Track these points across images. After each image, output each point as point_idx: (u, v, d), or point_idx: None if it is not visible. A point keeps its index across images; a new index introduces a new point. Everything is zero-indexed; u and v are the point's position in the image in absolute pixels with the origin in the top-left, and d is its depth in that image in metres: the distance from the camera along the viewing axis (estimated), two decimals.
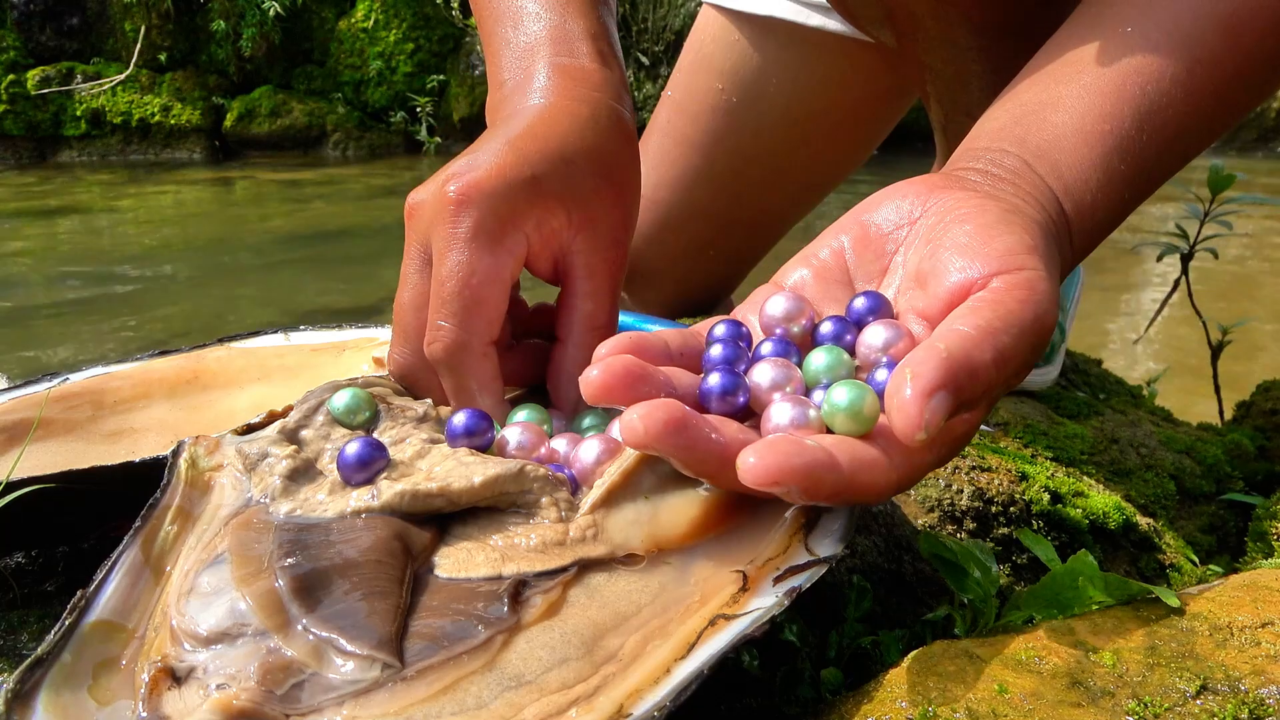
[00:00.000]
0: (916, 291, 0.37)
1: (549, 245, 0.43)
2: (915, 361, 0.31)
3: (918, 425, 0.29)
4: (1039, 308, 0.34)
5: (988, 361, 0.31)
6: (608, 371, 0.33)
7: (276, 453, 0.37)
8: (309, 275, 2.02)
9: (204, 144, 3.62)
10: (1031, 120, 0.42)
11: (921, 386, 0.30)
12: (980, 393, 0.32)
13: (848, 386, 0.32)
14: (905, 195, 0.39)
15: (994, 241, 0.35)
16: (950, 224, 0.37)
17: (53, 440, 0.45)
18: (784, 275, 0.41)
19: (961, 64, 0.65)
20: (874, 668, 0.39)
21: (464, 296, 0.40)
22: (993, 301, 0.33)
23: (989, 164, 0.41)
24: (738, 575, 0.32)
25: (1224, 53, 0.43)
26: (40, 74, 3.52)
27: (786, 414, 0.33)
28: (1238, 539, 0.68)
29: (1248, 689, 0.30)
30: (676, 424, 0.31)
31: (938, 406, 0.30)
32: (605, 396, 0.33)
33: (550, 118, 0.44)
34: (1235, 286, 1.95)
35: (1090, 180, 0.41)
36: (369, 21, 3.71)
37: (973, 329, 0.32)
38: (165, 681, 0.29)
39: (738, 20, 0.86)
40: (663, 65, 3.56)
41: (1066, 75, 0.43)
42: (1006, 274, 0.34)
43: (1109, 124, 0.41)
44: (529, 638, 0.31)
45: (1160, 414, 0.84)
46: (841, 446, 0.31)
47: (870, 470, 0.31)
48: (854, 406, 0.32)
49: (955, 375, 0.30)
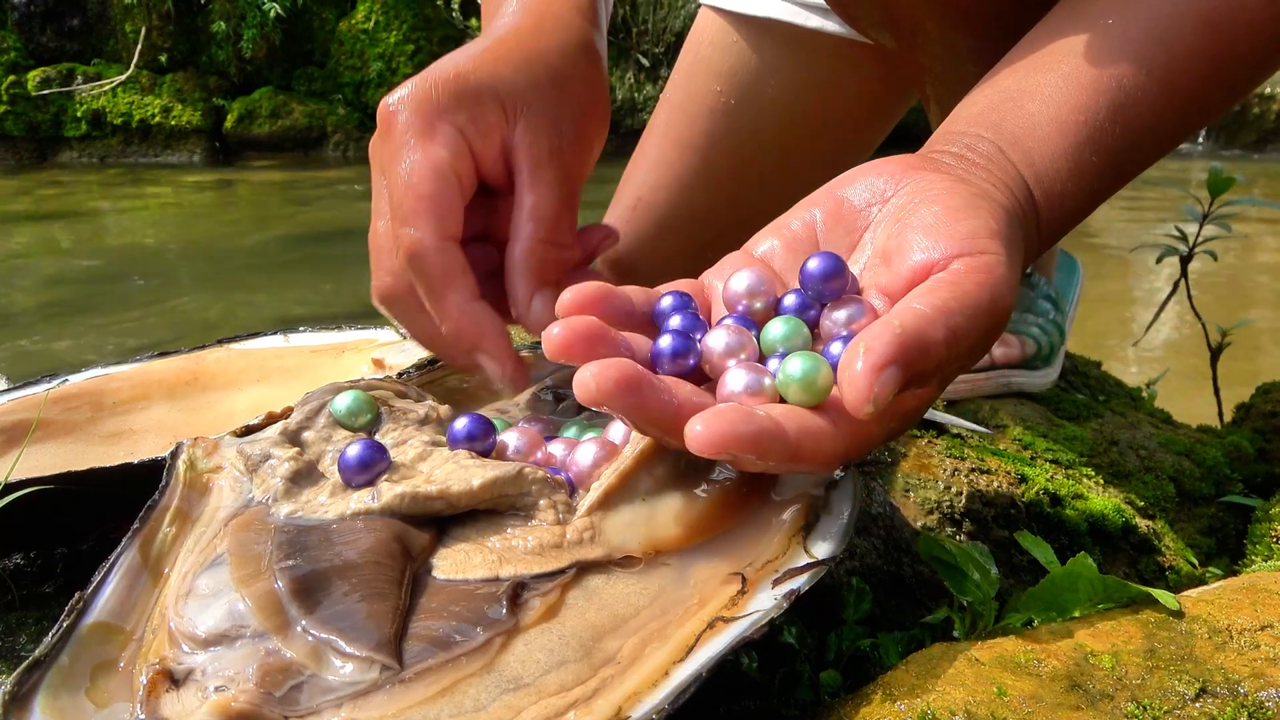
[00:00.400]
0: (881, 268, 0.38)
1: (491, 142, 0.43)
2: (869, 336, 0.31)
3: (865, 398, 0.30)
4: (995, 290, 0.34)
5: (939, 340, 0.32)
6: (568, 330, 0.33)
7: (279, 454, 0.37)
8: (308, 276, 2.02)
9: (204, 145, 3.62)
10: (1008, 107, 0.43)
11: (873, 361, 0.30)
12: (931, 370, 0.32)
13: (802, 358, 0.33)
14: (880, 173, 0.40)
15: (959, 224, 0.36)
16: (919, 204, 0.37)
17: (52, 441, 0.45)
18: (755, 244, 0.41)
19: (961, 67, 0.65)
20: (873, 670, 0.39)
21: (409, 197, 0.41)
22: (950, 282, 0.34)
23: (963, 148, 0.42)
24: (736, 578, 0.32)
25: (1201, 50, 0.43)
26: (41, 75, 3.52)
27: (741, 380, 0.33)
28: (1237, 541, 0.68)
29: (1247, 692, 0.30)
30: (629, 382, 0.31)
31: (887, 380, 0.30)
32: (564, 353, 0.33)
33: (495, 38, 0.45)
34: (1234, 289, 1.95)
35: (1061, 169, 0.41)
36: (369, 23, 3.71)
37: (928, 308, 0.33)
38: (163, 683, 0.29)
39: (736, 22, 0.86)
40: (663, 67, 3.56)
41: (1045, 65, 0.44)
42: (967, 256, 0.35)
43: (1083, 115, 0.42)
44: (527, 640, 0.31)
45: (1160, 416, 0.83)
46: (790, 416, 0.32)
47: (816, 439, 0.31)
48: (807, 377, 0.33)
49: (907, 351, 0.31)
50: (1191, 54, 0.43)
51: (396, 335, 0.53)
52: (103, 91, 3.53)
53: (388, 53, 3.71)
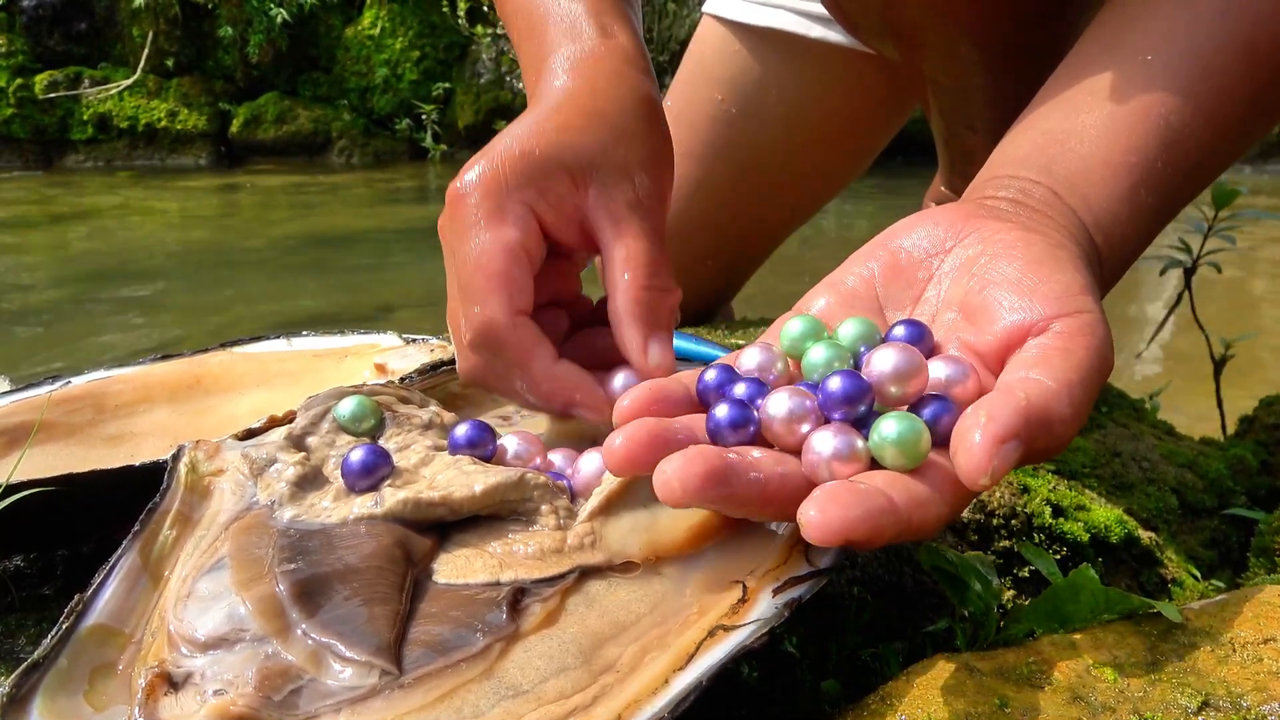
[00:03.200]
0: (963, 324, 0.36)
1: (563, 212, 0.43)
2: (991, 405, 0.30)
3: (984, 469, 0.29)
4: (1103, 355, 0.33)
5: (1066, 416, 0.31)
6: (629, 441, 0.32)
7: (285, 459, 0.37)
8: (312, 281, 2.03)
9: (210, 149, 3.63)
10: (1056, 150, 0.42)
11: (995, 432, 0.29)
12: (1053, 446, 0.31)
13: (898, 419, 0.31)
14: (938, 223, 0.39)
15: (1049, 280, 0.35)
16: (996, 257, 0.36)
17: (53, 443, 0.46)
18: (808, 302, 0.40)
19: (963, 77, 0.65)
20: (874, 680, 0.39)
21: (478, 277, 0.40)
22: (1063, 350, 0.33)
23: (1018, 193, 0.40)
24: (737, 586, 0.32)
25: (1243, 79, 0.43)
26: (48, 78, 3.53)
27: (829, 445, 0.31)
28: (1240, 554, 0.68)
29: (1249, 705, 0.30)
30: (714, 475, 0.29)
31: (1008, 454, 0.29)
32: (631, 466, 0.32)
33: (551, 105, 0.45)
34: (1238, 301, 1.95)
35: (1119, 213, 0.41)
36: (375, 29, 3.72)
37: (1052, 380, 0.31)
38: (162, 687, 0.29)
39: (738, 31, 0.86)
40: (667, 75, 3.57)
41: (1088, 104, 0.43)
42: (1066, 317, 0.34)
43: (1135, 156, 0.41)
44: (527, 646, 0.31)
45: (1162, 428, 0.83)
46: (895, 486, 0.30)
47: (924, 509, 0.30)
48: (904, 440, 0.31)
49: (1030, 426, 0.30)
50: (1235, 84, 0.43)
51: (399, 340, 0.53)
52: (109, 95, 3.55)
53: (393, 59, 3.72)
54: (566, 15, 0.48)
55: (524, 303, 0.41)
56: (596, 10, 0.48)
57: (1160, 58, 0.43)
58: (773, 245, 0.96)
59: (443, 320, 0.45)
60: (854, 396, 0.33)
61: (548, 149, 0.42)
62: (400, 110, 3.74)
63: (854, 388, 0.33)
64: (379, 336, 0.53)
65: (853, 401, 0.33)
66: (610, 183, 0.43)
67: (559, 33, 0.48)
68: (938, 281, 0.38)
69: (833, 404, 0.33)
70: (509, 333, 0.40)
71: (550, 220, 0.43)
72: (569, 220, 0.43)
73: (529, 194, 0.42)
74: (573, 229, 0.43)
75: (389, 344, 0.53)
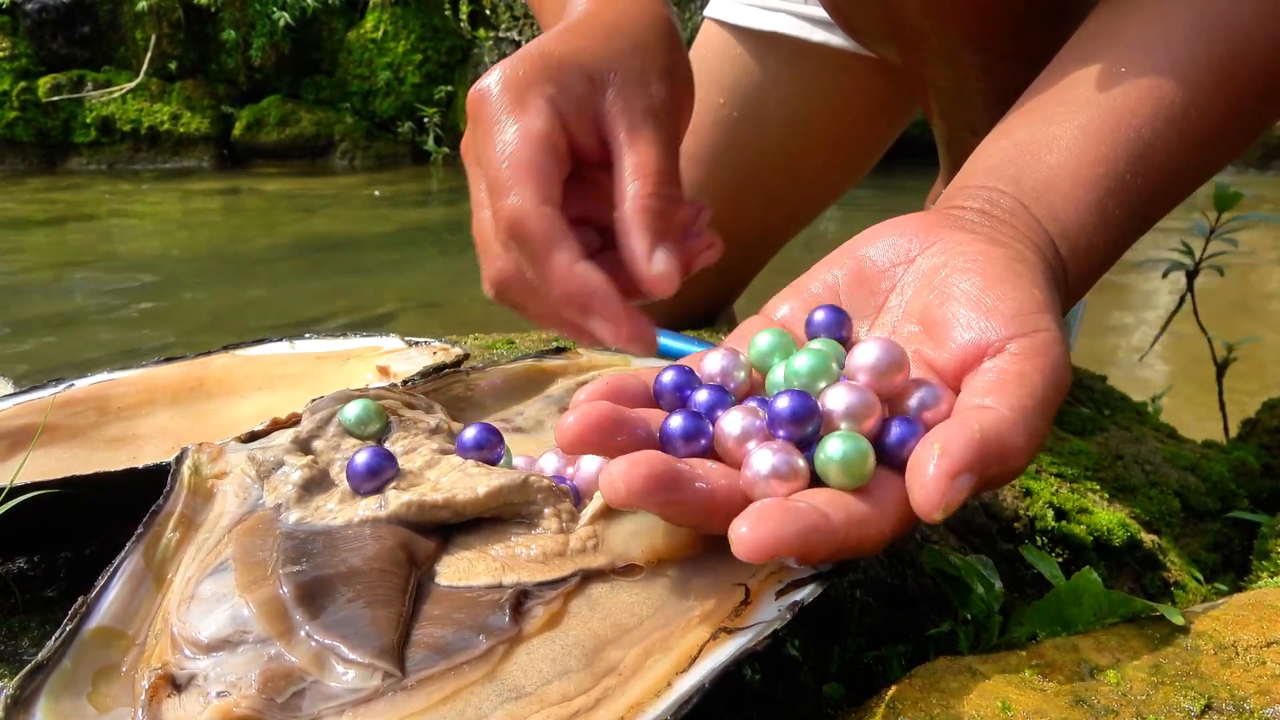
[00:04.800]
0: (922, 338, 0.36)
1: (581, 113, 0.42)
2: (944, 437, 0.30)
3: (936, 504, 0.29)
4: (1058, 376, 0.33)
5: (1020, 447, 0.31)
6: (582, 421, 0.32)
7: (293, 462, 0.38)
8: (314, 283, 2.03)
9: (212, 152, 3.64)
10: (1026, 160, 0.42)
11: (947, 466, 0.29)
12: (1006, 474, 0.31)
13: (843, 439, 0.31)
14: (903, 232, 0.39)
15: (1006, 298, 0.35)
16: (956, 270, 0.36)
17: (56, 446, 0.46)
18: (773, 307, 0.40)
19: (965, 81, 0.65)
20: (876, 683, 0.39)
21: (505, 169, 0.40)
22: (1018, 374, 0.33)
23: (985, 203, 0.41)
24: (740, 588, 0.32)
25: (1218, 94, 0.43)
26: (51, 81, 3.54)
27: (767, 462, 0.31)
28: (1243, 557, 0.67)
29: (1253, 709, 0.30)
30: (659, 480, 0.30)
31: (961, 486, 0.29)
32: (580, 445, 0.32)
33: (571, 21, 0.45)
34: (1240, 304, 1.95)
35: (1086, 224, 0.41)
36: (378, 32, 3.73)
37: (1007, 409, 0.31)
38: (165, 688, 0.29)
39: (739, 35, 0.86)
40: None
41: (1060, 115, 0.43)
42: (1022, 338, 0.34)
43: (1104, 167, 0.41)
44: (530, 649, 0.31)
45: (1165, 431, 0.83)
46: (834, 504, 0.30)
47: (863, 527, 0.30)
48: (848, 460, 0.31)
49: (985, 457, 0.30)
50: (1209, 99, 0.42)
51: (401, 343, 0.53)
52: (112, 98, 3.56)
53: (395, 62, 3.73)
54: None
55: (553, 192, 0.40)
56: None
57: (1135, 70, 0.42)
58: (775, 249, 0.96)
59: (444, 322, 0.45)
60: (800, 416, 0.32)
61: (566, 51, 0.43)
62: (402, 113, 3.74)
63: (801, 407, 0.32)
64: (381, 339, 0.53)
65: (799, 421, 0.32)
66: (627, 88, 0.43)
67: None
68: (900, 291, 0.38)
69: (779, 422, 0.33)
70: (535, 221, 0.39)
71: (570, 121, 0.42)
72: (587, 124, 0.43)
73: (548, 89, 0.42)
74: (590, 134, 0.43)
75: (391, 346, 0.53)
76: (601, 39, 0.44)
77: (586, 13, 0.46)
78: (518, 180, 0.40)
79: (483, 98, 0.42)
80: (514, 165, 0.40)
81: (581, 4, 0.47)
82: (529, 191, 0.39)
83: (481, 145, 0.42)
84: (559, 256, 0.39)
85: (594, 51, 0.43)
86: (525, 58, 0.42)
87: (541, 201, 0.39)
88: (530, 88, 0.42)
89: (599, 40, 0.44)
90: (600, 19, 0.45)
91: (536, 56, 0.42)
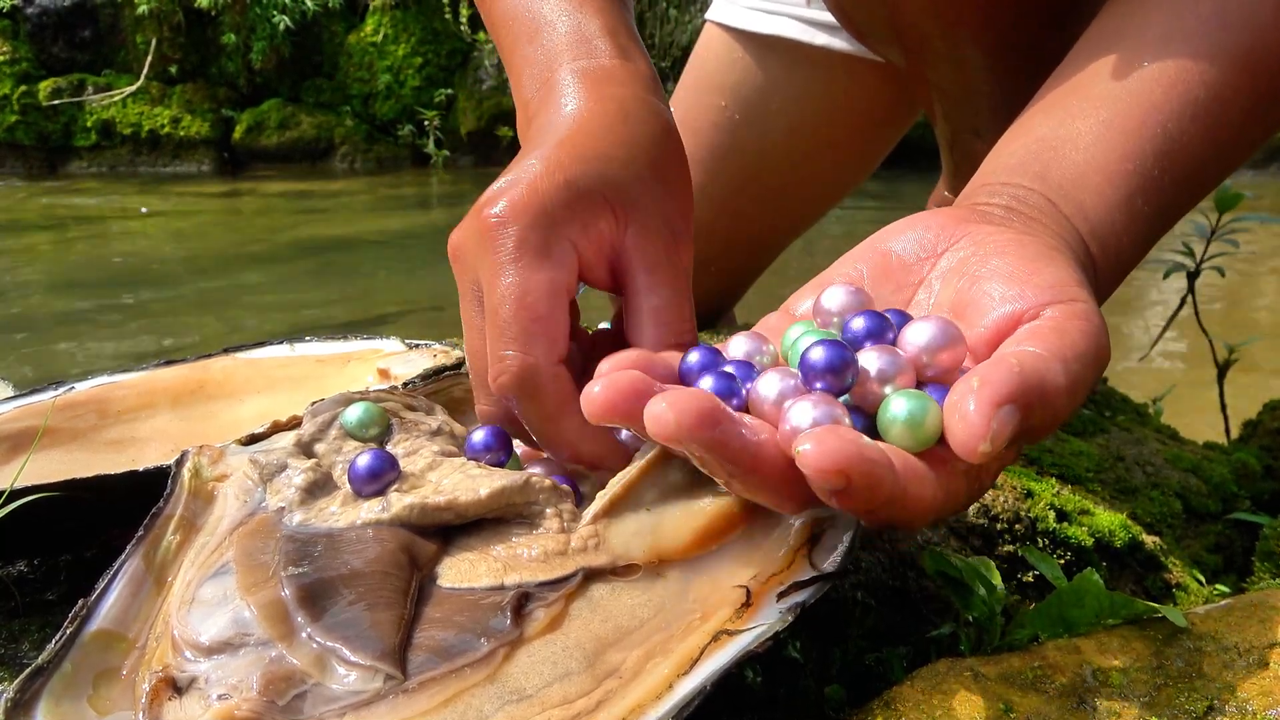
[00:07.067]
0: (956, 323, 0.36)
1: (601, 250, 0.41)
2: (984, 371, 0.28)
3: (982, 434, 0.27)
4: (1098, 340, 0.32)
5: (1061, 386, 0.29)
6: (611, 388, 0.30)
7: (296, 465, 0.37)
8: (315, 286, 2.03)
9: (213, 156, 3.64)
10: (1050, 156, 0.41)
11: (990, 395, 0.27)
12: (1048, 419, 0.29)
13: (908, 397, 0.29)
14: (929, 227, 0.38)
15: (1040, 273, 0.34)
16: (988, 256, 0.35)
17: (57, 449, 0.46)
18: (794, 302, 0.39)
19: (969, 82, 0.65)
20: (878, 685, 0.39)
21: (521, 318, 0.38)
22: (1056, 329, 0.31)
23: (1012, 199, 0.40)
24: (741, 591, 0.32)
25: (1241, 88, 0.42)
26: (52, 85, 3.55)
27: (807, 415, 0.29)
28: (1244, 559, 0.67)
29: (1255, 710, 0.30)
30: (708, 416, 0.28)
31: (1006, 418, 0.27)
32: (608, 414, 0.30)
33: (580, 123, 0.42)
34: (1242, 305, 1.95)
35: (1115, 222, 0.40)
36: (378, 36, 3.73)
37: (1043, 349, 0.30)
38: (166, 691, 0.29)
39: (741, 39, 0.86)
40: (669, 81, 3.58)
41: (1083, 110, 0.42)
42: (1059, 304, 0.32)
43: (1131, 163, 0.40)
44: (531, 651, 0.31)
45: (1166, 432, 0.83)
46: (894, 453, 0.29)
47: (920, 484, 0.28)
48: (914, 418, 0.29)
49: (1027, 391, 0.28)
50: (1231, 94, 0.42)
51: (401, 345, 0.53)
52: (113, 102, 3.56)
53: (396, 65, 3.73)
54: (577, 29, 0.46)
55: (565, 349, 0.39)
56: (611, 29, 0.46)
57: (1157, 65, 0.42)
58: (776, 251, 0.96)
59: (444, 325, 0.44)
60: (838, 366, 0.31)
61: (593, 180, 0.40)
62: (403, 116, 3.74)
63: (837, 357, 0.31)
64: (382, 342, 0.53)
65: (836, 371, 0.31)
66: (649, 225, 0.41)
67: (568, 44, 0.45)
68: (928, 285, 0.37)
69: (814, 373, 0.31)
70: (550, 382, 0.38)
71: (588, 258, 0.40)
72: (603, 259, 0.41)
73: (574, 229, 0.39)
74: (603, 268, 0.41)
75: (392, 349, 0.53)
76: (625, 162, 0.41)
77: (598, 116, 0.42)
78: (533, 335, 0.38)
79: (500, 226, 0.39)
80: (533, 318, 0.38)
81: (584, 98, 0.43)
82: (543, 349, 0.38)
83: (492, 277, 0.39)
84: (569, 421, 0.38)
85: (617, 179, 0.40)
86: (551, 185, 0.39)
87: (556, 361, 0.38)
88: (556, 228, 0.39)
89: (622, 164, 0.41)
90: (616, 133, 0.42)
91: (563, 186, 0.39)
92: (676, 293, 0.41)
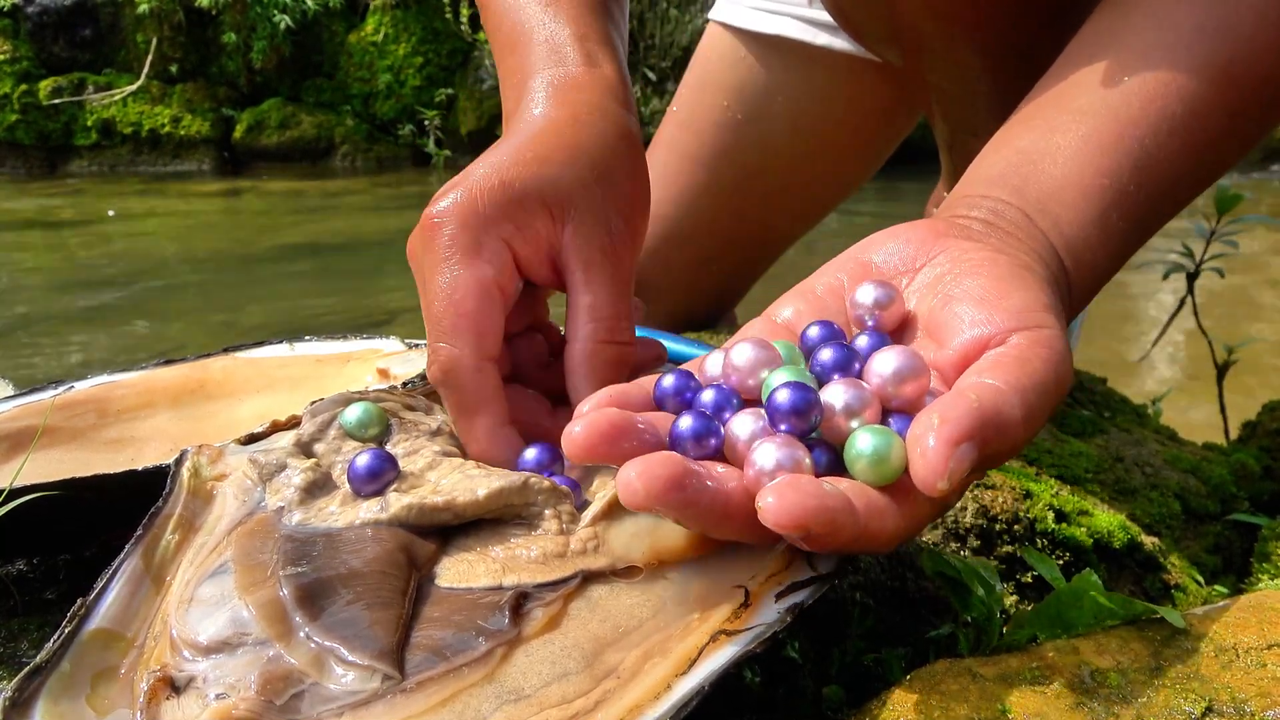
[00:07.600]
0: (925, 341, 0.36)
1: (539, 248, 0.42)
2: (943, 407, 0.30)
3: (940, 473, 0.28)
4: (1059, 368, 0.33)
5: (1017, 419, 0.31)
6: (591, 429, 0.32)
7: (295, 465, 0.38)
8: (315, 286, 2.03)
9: (213, 155, 3.64)
10: (1029, 170, 0.42)
11: (948, 434, 0.29)
12: (1005, 449, 0.31)
13: (873, 433, 0.31)
14: (908, 240, 0.39)
15: (1010, 296, 0.35)
16: (961, 275, 0.36)
17: (56, 448, 0.46)
18: (776, 309, 0.40)
19: (967, 83, 0.65)
20: (876, 685, 0.39)
21: (449, 313, 0.39)
22: (1018, 359, 0.32)
23: (989, 213, 0.40)
24: (740, 591, 0.32)
25: (1219, 103, 0.42)
26: (52, 84, 3.55)
27: (771, 457, 0.30)
28: (1243, 559, 0.67)
29: (1253, 711, 0.30)
30: (677, 480, 0.29)
31: (963, 455, 0.29)
32: (589, 455, 0.32)
33: (532, 130, 0.44)
34: (1241, 306, 1.95)
35: (1090, 236, 0.41)
36: (379, 35, 3.73)
37: (1002, 383, 0.31)
38: (164, 690, 0.29)
39: (744, 39, 0.86)
40: (669, 81, 3.58)
41: (1063, 124, 0.43)
42: (1025, 330, 0.34)
43: (1107, 179, 0.41)
44: (529, 651, 0.31)
45: (1165, 433, 0.83)
46: (855, 491, 0.30)
47: (880, 518, 0.30)
48: (879, 454, 0.30)
49: (984, 427, 0.29)
50: (1211, 109, 0.42)
51: (401, 345, 0.53)
52: (113, 101, 3.56)
53: (396, 65, 3.73)
54: (550, 38, 0.48)
55: (492, 346, 0.40)
56: (582, 35, 0.48)
57: (1137, 78, 0.42)
58: (777, 252, 0.96)
59: None
60: (801, 408, 0.32)
61: (528, 181, 0.42)
62: (403, 116, 3.75)
63: (801, 399, 0.32)
64: (381, 341, 0.53)
65: (800, 413, 0.32)
66: (586, 223, 0.42)
67: (542, 54, 0.47)
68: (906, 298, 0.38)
69: (779, 416, 0.32)
70: (470, 377, 0.39)
71: (525, 255, 0.42)
72: (543, 257, 0.42)
73: (506, 228, 0.41)
74: (545, 266, 0.43)
75: (391, 349, 0.53)
76: (564, 163, 0.42)
77: (549, 121, 0.44)
78: (459, 330, 0.39)
79: (437, 228, 0.41)
80: (459, 313, 0.39)
81: (543, 106, 0.45)
82: (468, 344, 0.39)
83: (429, 275, 0.41)
84: (483, 420, 0.39)
85: (555, 181, 0.42)
86: (485, 187, 0.41)
87: (479, 356, 0.40)
88: (488, 227, 0.41)
89: (560, 166, 0.42)
90: (563, 135, 0.44)
91: (497, 187, 0.41)
92: (612, 290, 0.42)
